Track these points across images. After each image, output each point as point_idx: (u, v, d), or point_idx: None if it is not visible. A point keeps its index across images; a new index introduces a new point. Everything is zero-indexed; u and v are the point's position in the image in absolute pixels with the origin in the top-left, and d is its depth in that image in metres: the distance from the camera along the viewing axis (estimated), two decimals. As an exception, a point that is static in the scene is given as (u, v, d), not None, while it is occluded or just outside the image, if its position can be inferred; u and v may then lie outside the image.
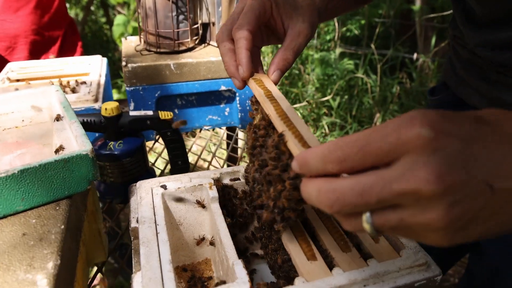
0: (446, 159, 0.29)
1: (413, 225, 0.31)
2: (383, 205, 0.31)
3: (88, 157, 0.50)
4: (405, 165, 0.30)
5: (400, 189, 0.30)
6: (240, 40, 0.55)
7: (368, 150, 0.31)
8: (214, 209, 0.59)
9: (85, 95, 0.95)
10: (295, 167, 0.36)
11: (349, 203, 0.32)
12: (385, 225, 0.32)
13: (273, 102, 0.52)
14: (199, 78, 1.07)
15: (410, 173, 0.29)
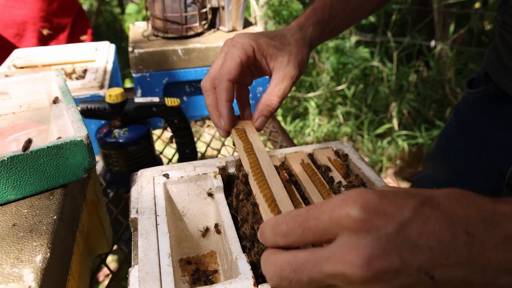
0: (377, 243, 0.28)
1: None
2: (317, 284, 0.30)
3: (83, 144, 0.47)
4: (337, 246, 0.29)
5: (329, 270, 0.29)
6: (220, 92, 0.54)
7: (306, 226, 0.32)
8: (218, 199, 0.56)
9: (90, 82, 0.92)
10: (258, 237, 0.37)
11: (286, 278, 0.32)
12: None
13: (250, 157, 0.52)
14: (208, 64, 1.04)
15: (340, 255, 0.29)
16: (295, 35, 0.59)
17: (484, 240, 0.28)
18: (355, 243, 0.28)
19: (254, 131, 0.58)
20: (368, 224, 0.28)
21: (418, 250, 0.27)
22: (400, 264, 0.27)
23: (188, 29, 1.06)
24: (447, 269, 0.27)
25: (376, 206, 0.29)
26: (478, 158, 0.79)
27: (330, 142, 0.67)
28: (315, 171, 0.59)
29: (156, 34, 1.07)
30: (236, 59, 0.54)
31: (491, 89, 0.75)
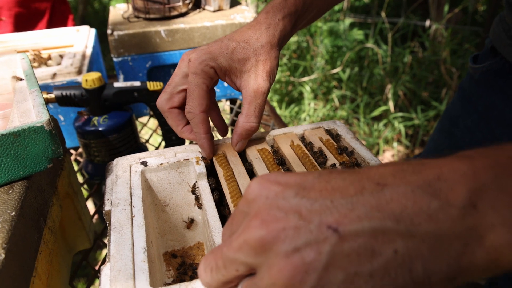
0: (274, 206, 0.26)
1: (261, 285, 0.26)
2: (231, 267, 0.28)
3: (44, 130, 0.42)
4: (244, 222, 0.28)
5: (235, 244, 0.27)
6: (197, 126, 0.52)
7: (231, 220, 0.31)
8: (201, 186, 0.52)
9: (67, 67, 0.86)
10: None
11: (207, 267, 0.30)
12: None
13: (230, 186, 0.50)
14: (193, 46, 0.98)
15: (243, 227, 0.27)
16: (261, 39, 0.53)
17: (397, 187, 0.25)
18: (255, 211, 0.27)
19: (235, 154, 0.56)
20: (265, 191, 0.28)
21: (318, 205, 0.25)
22: (297, 221, 0.25)
23: (171, 9, 1.00)
24: (353, 221, 0.24)
25: (273, 177, 0.28)
26: (485, 138, 0.74)
27: (322, 122, 0.62)
28: (305, 152, 0.55)
29: (137, 15, 1.01)
30: (202, 86, 0.51)
31: (498, 63, 0.70)
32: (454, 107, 0.84)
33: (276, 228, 0.25)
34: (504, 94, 0.69)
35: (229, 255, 0.28)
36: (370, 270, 0.24)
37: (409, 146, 2.54)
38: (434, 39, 2.99)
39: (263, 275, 0.26)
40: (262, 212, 0.26)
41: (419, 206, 0.24)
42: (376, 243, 0.24)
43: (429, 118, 2.54)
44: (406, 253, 0.24)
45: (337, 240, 0.24)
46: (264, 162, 0.55)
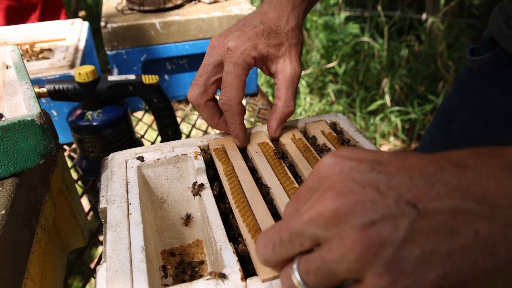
0: (350, 179, 0.26)
1: (336, 264, 0.25)
2: (297, 241, 0.28)
3: (35, 124, 0.40)
4: (314, 195, 0.28)
5: (305, 216, 0.27)
6: (233, 117, 0.51)
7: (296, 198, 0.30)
8: (200, 182, 0.50)
9: (60, 61, 0.84)
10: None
11: (269, 242, 0.30)
12: (309, 271, 0.27)
13: (231, 181, 0.49)
14: (189, 39, 0.96)
15: (315, 199, 0.27)
16: (290, 22, 0.52)
17: (479, 170, 0.24)
18: (329, 184, 0.27)
19: (235, 149, 0.54)
20: (340, 166, 0.27)
21: (396, 181, 0.25)
22: (375, 195, 0.25)
23: (166, 1, 0.98)
24: (433, 199, 0.24)
25: (347, 152, 0.28)
26: (483, 131, 0.73)
27: (323, 115, 0.61)
28: (307, 146, 0.53)
29: (131, 7, 0.99)
30: (242, 77, 0.50)
31: (497, 55, 0.68)
32: (451, 101, 0.82)
33: (353, 200, 0.25)
34: (503, 87, 0.68)
35: (297, 228, 0.27)
36: (449, 249, 0.23)
37: (405, 140, 2.53)
38: (430, 33, 2.98)
39: (333, 246, 0.25)
40: (337, 184, 0.26)
41: (502, 188, 0.23)
42: (457, 223, 0.23)
43: (426, 112, 2.54)
44: (488, 236, 0.23)
45: (416, 216, 0.23)
46: (265, 156, 0.53)
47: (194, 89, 0.52)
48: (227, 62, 0.49)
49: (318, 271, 0.27)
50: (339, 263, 0.25)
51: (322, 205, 0.26)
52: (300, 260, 0.28)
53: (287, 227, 0.28)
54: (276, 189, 0.47)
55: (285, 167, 0.50)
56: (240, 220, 0.42)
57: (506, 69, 0.67)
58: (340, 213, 0.25)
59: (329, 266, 0.26)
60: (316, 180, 0.29)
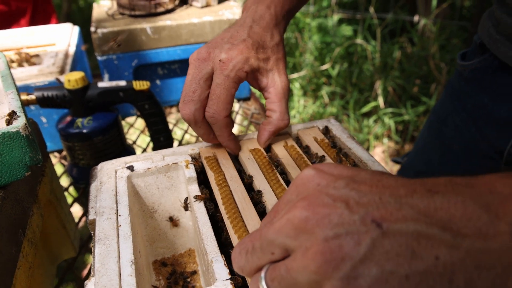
0: (324, 193, 0.26)
1: (296, 275, 0.26)
2: (271, 251, 0.28)
3: (20, 136, 0.39)
4: (288, 206, 0.28)
5: (277, 225, 0.27)
6: (221, 129, 0.51)
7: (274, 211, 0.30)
8: (191, 191, 0.49)
9: (49, 67, 0.83)
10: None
11: (244, 250, 0.30)
12: (274, 279, 0.27)
13: (222, 191, 0.48)
14: (180, 43, 0.95)
15: (288, 209, 0.27)
16: (274, 37, 0.53)
17: (449, 197, 0.24)
18: (304, 196, 0.27)
19: (227, 157, 0.54)
20: (318, 179, 0.28)
21: (366, 199, 0.25)
22: (343, 210, 0.25)
23: (157, 5, 0.97)
24: (398, 220, 0.24)
25: (327, 167, 0.29)
26: (474, 136, 0.73)
27: (316, 121, 0.60)
28: (300, 153, 0.52)
29: (122, 12, 0.98)
30: (231, 91, 0.49)
31: (487, 60, 0.68)
32: (443, 105, 0.82)
33: (321, 212, 0.25)
34: (493, 92, 0.68)
35: (268, 236, 0.28)
36: (407, 271, 0.23)
37: (399, 141, 2.53)
38: (422, 35, 2.99)
39: (297, 256, 0.26)
40: (311, 196, 0.26)
41: (468, 217, 0.23)
42: (418, 247, 0.23)
43: (419, 113, 2.54)
44: (448, 263, 0.22)
45: (378, 235, 0.24)
46: (257, 163, 0.52)
47: (189, 106, 0.50)
48: (218, 74, 0.48)
49: (282, 280, 0.27)
50: (301, 273, 0.25)
51: (292, 214, 0.26)
52: (268, 268, 0.28)
53: (259, 235, 0.28)
54: (268, 196, 0.46)
55: (277, 174, 0.49)
56: (231, 231, 0.42)
57: (496, 74, 0.67)
58: (308, 223, 0.25)
59: (291, 276, 0.26)
60: (294, 192, 0.29)
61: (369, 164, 0.50)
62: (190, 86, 0.50)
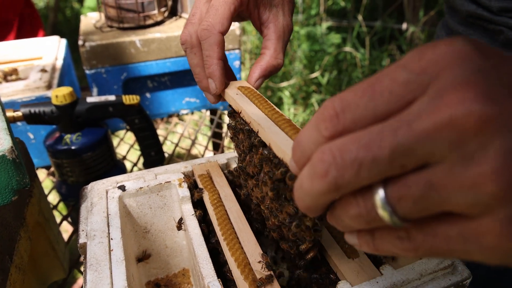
0: (495, 79, 0.19)
1: (451, 194, 0.19)
2: (402, 164, 0.20)
3: (6, 159, 0.37)
4: (432, 94, 0.20)
5: (425, 125, 0.19)
6: (211, 48, 0.45)
7: (378, 89, 0.22)
8: (185, 211, 0.47)
9: (36, 82, 0.81)
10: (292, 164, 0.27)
11: (350, 162, 0.21)
12: (405, 199, 0.21)
13: (217, 211, 0.46)
14: (170, 56, 0.94)
15: (442, 99, 0.19)
16: None
17: None
18: (463, 79, 0.19)
19: (221, 174, 0.52)
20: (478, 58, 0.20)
21: None
22: None
23: (146, 18, 0.96)
24: None
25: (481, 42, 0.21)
26: None
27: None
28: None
29: (110, 25, 0.96)
30: (230, 6, 0.44)
31: None
32: None
33: (506, 107, 0.18)
34: None
35: (404, 143, 0.20)
36: None
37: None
38: (411, 42, 3.03)
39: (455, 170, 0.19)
40: (477, 83, 0.19)
41: None
42: None
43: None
44: None
45: None
46: (247, 96, 0.47)
47: (188, 28, 0.46)
48: None
49: (420, 200, 0.21)
50: (462, 193, 0.19)
51: (460, 108, 0.18)
52: (390, 183, 0.22)
53: (390, 141, 0.20)
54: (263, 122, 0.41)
55: (271, 104, 0.44)
56: (228, 254, 0.40)
57: None
58: (485, 124, 0.18)
59: (440, 194, 0.20)
60: (430, 68, 0.21)
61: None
62: (192, 10, 0.47)
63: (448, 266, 0.41)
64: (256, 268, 0.39)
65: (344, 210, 0.24)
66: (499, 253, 0.20)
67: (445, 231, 0.21)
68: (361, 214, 0.23)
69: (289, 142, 0.35)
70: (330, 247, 0.41)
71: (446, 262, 0.41)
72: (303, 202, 0.25)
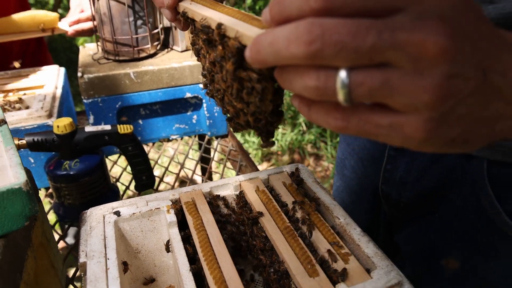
0: (459, 22, 0.26)
1: (397, 92, 0.26)
2: (371, 58, 0.26)
3: (22, 191, 0.44)
4: (415, 14, 0.25)
5: (403, 37, 0.25)
6: None
7: None
8: (172, 234, 0.55)
9: (38, 111, 0.88)
10: (265, 15, 0.29)
11: (336, 42, 0.25)
12: (364, 85, 0.26)
13: (200, 235, 0.53)
14: (162, 86, 1.02)
15: (420, 22, 0.25)
16: None
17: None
18: (438, 14, 0.25)
19: (204, 202, 0.59)
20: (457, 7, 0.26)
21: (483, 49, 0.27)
22: (469, 51, 0.26)
23: (140, 51, 1.04)
24: (498, 74, 0.27)
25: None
26: (366, 176, 0.79)
27: (285, 166, 0.67)
28: (270, 198, 0.59)
29: (107, 57, 1.04)
30: None
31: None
32: (341, 149, 0.89)
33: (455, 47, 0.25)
34: None
35: (382, 45, 0.25)
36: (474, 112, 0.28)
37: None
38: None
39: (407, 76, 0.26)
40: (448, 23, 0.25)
41: None
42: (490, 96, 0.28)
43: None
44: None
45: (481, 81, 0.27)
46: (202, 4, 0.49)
47: None
48: None
49: (373, 89, 0.26)
50: (405, 96, 0.26)
51: (427, 36, 0.25)
52: (355, 70, 0.26)
53: (373, 39, 0.25)
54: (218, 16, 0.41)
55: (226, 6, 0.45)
56: (207, 273, 0.48)
57: None
58: (437, 56, 0.25)
59: (390, 91, 0.26)
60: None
61: (331, 208, 0.57)
62: None
63: (396, 285, 0.48)
64: (231, 285, 0.46)
65: (301, 78, 0.28)
66: (415, 142, 0.28)
67: (378, 120, 0.28)
68: (319, 87, 0.27)
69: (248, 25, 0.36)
70: (293, 267, 0.49)
71: (393, 281, 0.48)
72: (259, 55, 0.29)
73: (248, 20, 0.37)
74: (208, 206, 0.58)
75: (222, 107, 0.51)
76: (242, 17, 0.39)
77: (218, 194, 0.62)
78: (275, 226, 0.54)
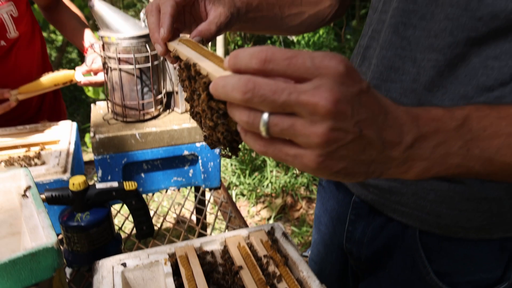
0: (344, 93, 0.36)
1: (298, 133, 0.36)
2: (284, 108, 0.36)
3: (53, 249, 0.57)
4: (315, 84, 0.36)
5: (305, 99, 0.35)
6: (165, 7, 0.59)
7: (293, 62, 0.37)
8: (168, 283, 0.67)
9: (54, 167, 1.02)
10: (226, 62, 0.40)
11: (261, 95, 0.36)
12: (277, 125, 0.37)
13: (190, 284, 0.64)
14: (163, 145, 1.16)
15: (317, 90, 0.35)
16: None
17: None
18: (331, 87, 0.35)
19: (194, 256, 0.71)
20: (344, 79, 0.36)
21: (363, 111, 0.37)
22: (350, 113, 0.36)
23: (145, 114, 1.19)
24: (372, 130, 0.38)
25: (354, 71, 0.38)
26: (335, 234, 0.90)
27: (264, 225, 0.80)
28: (248, 253, 0.72)
29: (116, 118, 1.19)
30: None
31: None
32: (317, 207, 1.00)
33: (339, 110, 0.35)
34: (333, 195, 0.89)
35: (290, 102, 0.36)
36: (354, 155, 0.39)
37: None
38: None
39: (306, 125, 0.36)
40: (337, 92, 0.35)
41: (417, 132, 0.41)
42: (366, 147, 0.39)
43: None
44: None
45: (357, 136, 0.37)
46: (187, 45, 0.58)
47: (150, 3, 0.60)
48: None
49: (283, 131, 0.37)
50: (303, 137, 0.36)
51: (321, 101, 0.35)
52: (273, 114, 0.37)
53: (285, 97, 0.35)
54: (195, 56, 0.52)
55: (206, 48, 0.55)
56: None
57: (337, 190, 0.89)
58: (326, 114, 0.35)
59: (293, 133, 0.37)
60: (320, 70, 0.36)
61: (297, 263, 0.70)
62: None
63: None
64: None
65: (239, 113, 0.39)
66: (310, 169, 0.39)
67: (287, 150, 0.39)
68: (248, 122, 0.38)
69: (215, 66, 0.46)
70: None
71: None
72: (216, 92, 0.40)
73: (217, 62, 0.48)
74: (198, 260, 0.71)
75: (200, 127, 0.59)
76: (213, 59, 0.49)
77: (206, 250, 0.75)
78: (251, 278, 0.67)
